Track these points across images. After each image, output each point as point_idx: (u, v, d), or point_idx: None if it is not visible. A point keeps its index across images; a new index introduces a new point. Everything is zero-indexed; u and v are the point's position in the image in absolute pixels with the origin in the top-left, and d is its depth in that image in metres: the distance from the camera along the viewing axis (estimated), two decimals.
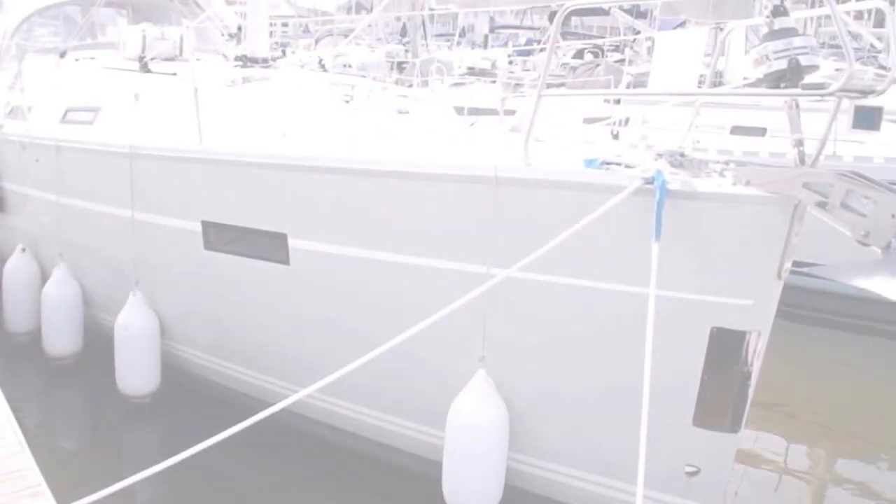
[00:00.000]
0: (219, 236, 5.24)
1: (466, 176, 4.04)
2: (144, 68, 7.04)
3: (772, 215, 3.46)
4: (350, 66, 15.07)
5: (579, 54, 16.03)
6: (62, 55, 7.95)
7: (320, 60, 8.24)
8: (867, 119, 8.31)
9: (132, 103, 5.66)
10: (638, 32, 14.48)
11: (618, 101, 9.29)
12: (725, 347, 3.71)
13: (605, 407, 4.03)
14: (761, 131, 9.24)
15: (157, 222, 5.59)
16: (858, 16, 20.47)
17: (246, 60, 7.28)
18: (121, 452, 5.57)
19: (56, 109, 6.86)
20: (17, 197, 7.24)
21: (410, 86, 10.41)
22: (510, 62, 14.02)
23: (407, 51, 14.35)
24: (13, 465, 3.62)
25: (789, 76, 3.22)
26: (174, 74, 6.69)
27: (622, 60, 12.00)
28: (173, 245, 5.54)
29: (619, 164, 3.80)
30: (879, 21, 19.95)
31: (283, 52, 16.10)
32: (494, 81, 11.93)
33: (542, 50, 14.40)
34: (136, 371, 5.72)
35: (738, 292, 3.61)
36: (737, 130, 9.41)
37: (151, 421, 5.84)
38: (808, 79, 3.25)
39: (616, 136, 9.14)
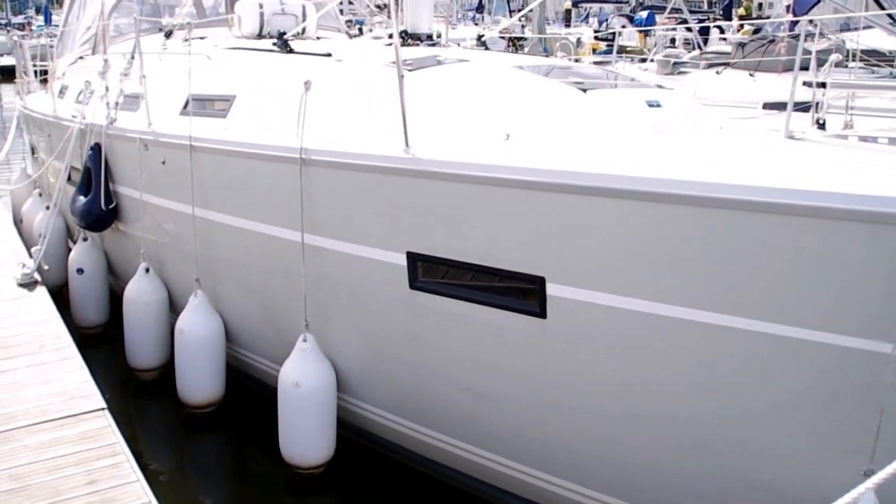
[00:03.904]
0: (433, 274, 3.96)
1: (841, 210, 2.68)
2: (285, 48, 5.82)
3: None
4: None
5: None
6: (168, 35, 6.78)
7: (480, 37, 6.87)
8: None
9: (300, 92, 4.36)
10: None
11: (823, 84, 7.74)
12: None
13: None
14: None
15: (338, 249, 4.32)
16: None
17: (408, 37, 5.99)
18: None
19: (174, 99, 5.67)
20: (136, 205, 6.04)
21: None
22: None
23: (524, 26, 12.94)
24: None
25: None
26: (328, 55, 5.43)
27: (796, 36, 10.44)
28: (364, 281, 4.26)
29: None
30: None
31: (360, 30, 14.81)
32: (645, 59, 10.44)
33: (671, 27, 12.78)
34: (309, 438, 4.46)
35: None
36: None
37: (326, 498, 4.61)
38: None
39: (822, 125, 7.60)
